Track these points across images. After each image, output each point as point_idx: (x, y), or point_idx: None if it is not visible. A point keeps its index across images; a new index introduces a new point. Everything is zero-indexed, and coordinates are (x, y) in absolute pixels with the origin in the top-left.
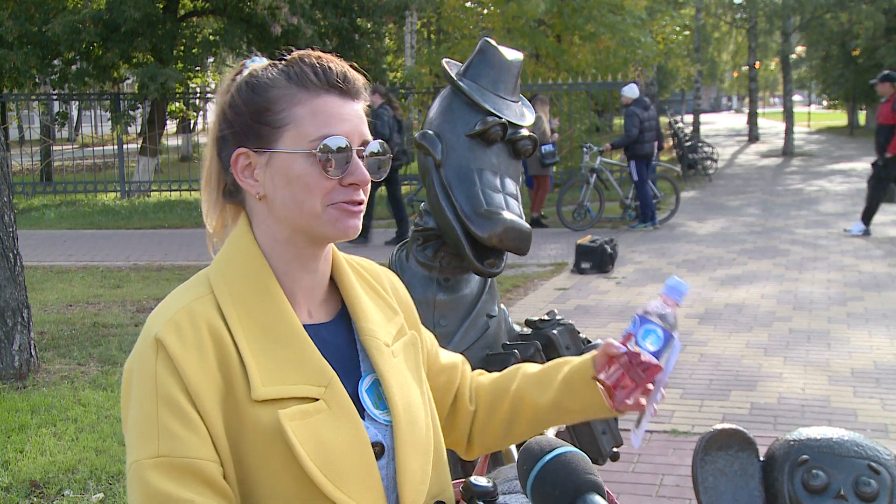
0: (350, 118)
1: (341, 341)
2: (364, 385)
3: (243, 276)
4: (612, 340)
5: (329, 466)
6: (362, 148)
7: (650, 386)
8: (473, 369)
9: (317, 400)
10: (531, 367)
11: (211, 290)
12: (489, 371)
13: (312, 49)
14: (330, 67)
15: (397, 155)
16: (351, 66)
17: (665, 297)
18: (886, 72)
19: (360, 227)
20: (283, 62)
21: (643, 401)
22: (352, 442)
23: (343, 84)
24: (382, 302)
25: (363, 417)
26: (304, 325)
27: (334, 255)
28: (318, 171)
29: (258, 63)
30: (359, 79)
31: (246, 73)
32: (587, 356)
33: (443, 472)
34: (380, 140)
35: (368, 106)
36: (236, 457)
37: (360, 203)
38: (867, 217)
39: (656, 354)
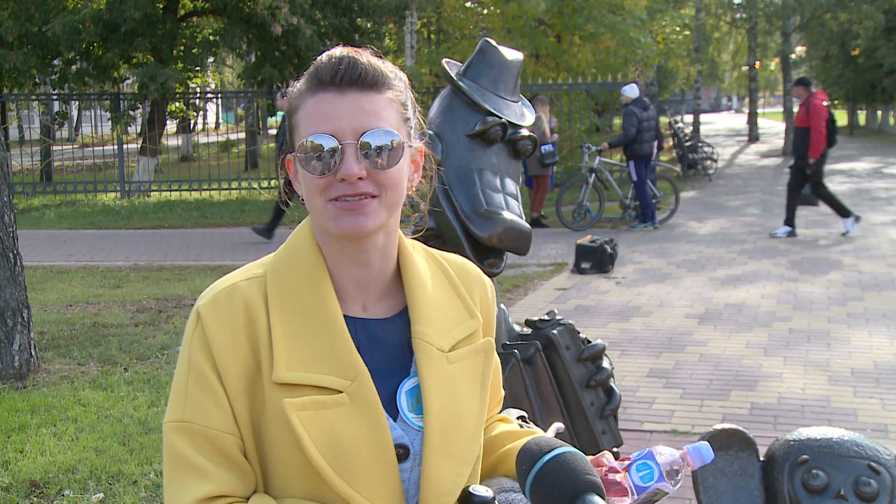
0: (340, 113)
1: (395, 339)
2: (406, 386)
3: (295, 264)
4: (608, 453)
5: (339, 460)
6: (354, 142)
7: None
8: None
9: (340, 392)
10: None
11: (265, 273)
12: None
13: (309, 50)
14: (324, 64)
15: None
16: (375, 53)
17: (686, 453)
18: (801, 76)
19: (365, 224)
20: None
21: None
22: (371, 440)
23: (332, 79)
24: (459, 302)
25: (395, 419)
26: (353, 318)
27: (404, 251)
28: (307, 171)
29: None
30: (365, 68)
31: None
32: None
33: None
34: (383, 129)
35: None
36: (257, 436)
37: (360, 197)
38: (790, 218)
39: (639, 488)
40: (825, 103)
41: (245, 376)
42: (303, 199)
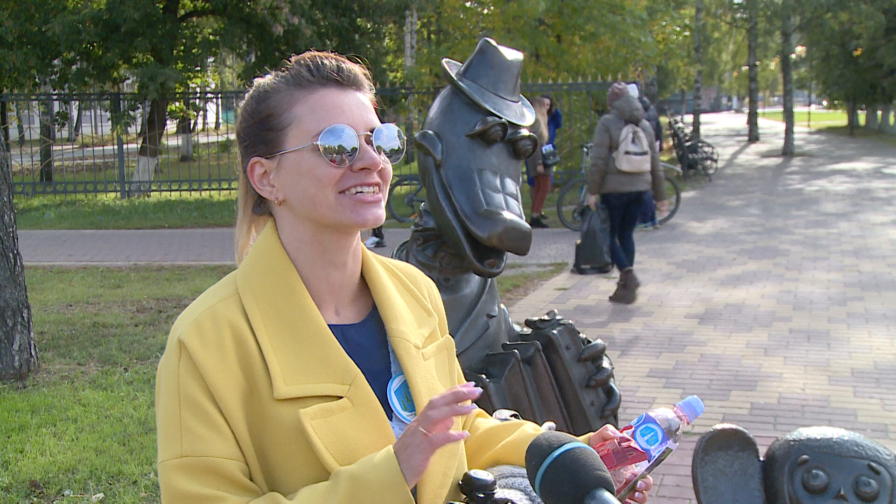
0: (350, 108)
1: (370, 342)
2: (393, 386)
3: (268, 276)
4: (610, 426)
5: (352, 463)
6: (369, 133)
7: (631, 471)
8: (473, 369)
9: (340, 398)
10: (528, 430)
11: (237, 292)
12: (489, 371)
13: (311, 50)
14: (324, 62)
15: None
16: (351, 58)
17: (679, 409)
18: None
19: (381, 214)
20: (282, 69)
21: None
22: (377, 440)
23: (338, 75)
24: (417, 303)
25: (391, 418)
26: (330, 325)
27: (365, 255)
28: (325, 161)
29: (265, 78)
30: (356, 69)
31: (252, 89)
32: (584, 437)
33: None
34: (392, 124)
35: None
36: (261, 454)
37: (376, 187)
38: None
39: (648, 451)
40: None
41: (240, 398)
42: (279, 202)
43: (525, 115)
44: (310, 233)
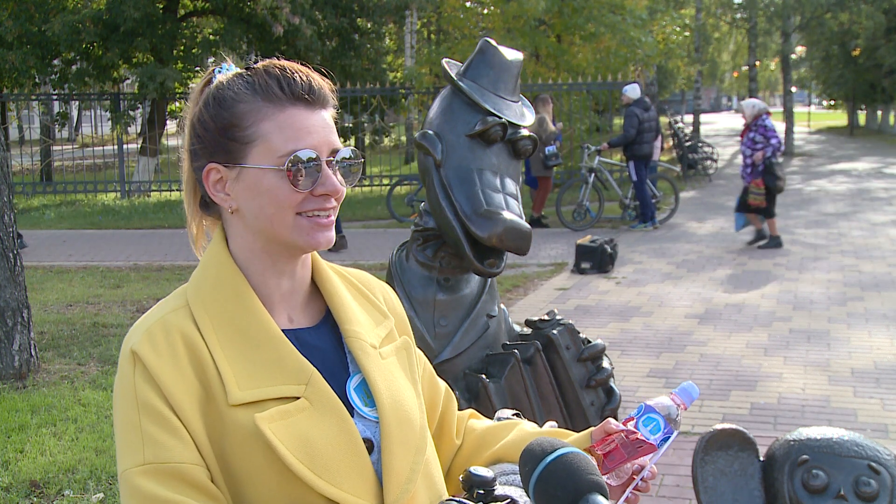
0: (317, 129)
1: (326, 344)
2: (352, 384)
3: (217, 285)
4: (612, 419)
5: (316, 462)
6: (332, 157)
7: (638, 463)
8: (473, 369)
9: (298, 398)
10: (527, 428)
11: (187, 303)
12: (489, 371)
13: (309, 51)
14: (295, 79)
15: None
16: (319, 69)
17: (675, 396)
18: None
19: (333, 237)
20: (248, 73)
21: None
22: (339, 436)
23: (308, 95)
24: (371, 306)
25: (353, 415)
26: (284, 330)
27: (315, 261)
28: (288, 185)
29: (225, 73)
30: (325, 86)
31: (213, 85)
32: (586, 432)
33: (436, 477)
34: (351, 147)
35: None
36: (222, 460)
37: (332, 210)
38: None
39: (653, 441)
40: None
41: (197, 405)
42: (233, 212)
43: (525, 115)
44: (260, 244)
